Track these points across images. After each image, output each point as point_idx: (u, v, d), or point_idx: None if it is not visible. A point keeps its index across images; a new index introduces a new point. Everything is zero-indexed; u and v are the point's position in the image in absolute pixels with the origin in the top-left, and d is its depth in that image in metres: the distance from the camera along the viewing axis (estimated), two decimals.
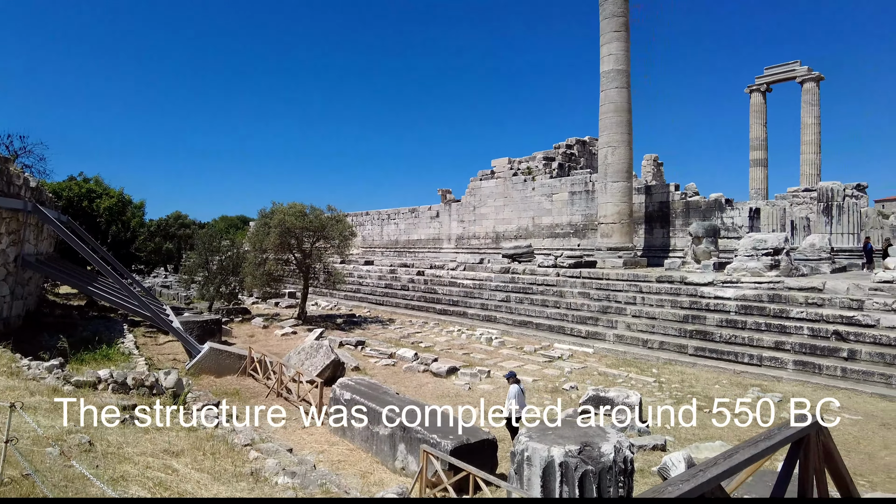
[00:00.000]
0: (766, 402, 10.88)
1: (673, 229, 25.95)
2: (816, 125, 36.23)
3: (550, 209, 31.03)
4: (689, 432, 9.32)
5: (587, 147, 35.38)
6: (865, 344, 12.57)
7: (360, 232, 45.46)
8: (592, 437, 6.16)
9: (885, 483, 7.38)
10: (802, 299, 14.53)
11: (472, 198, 35.92)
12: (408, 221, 41.75)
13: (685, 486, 1.66)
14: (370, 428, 8.24)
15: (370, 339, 17.93)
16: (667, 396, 11.47)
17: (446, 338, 18.45)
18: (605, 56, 23.64)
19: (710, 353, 14.24)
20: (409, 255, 40.19)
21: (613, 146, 23.49)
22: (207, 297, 25.09)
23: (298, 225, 20.82)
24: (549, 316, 19.35)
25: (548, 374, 13.55)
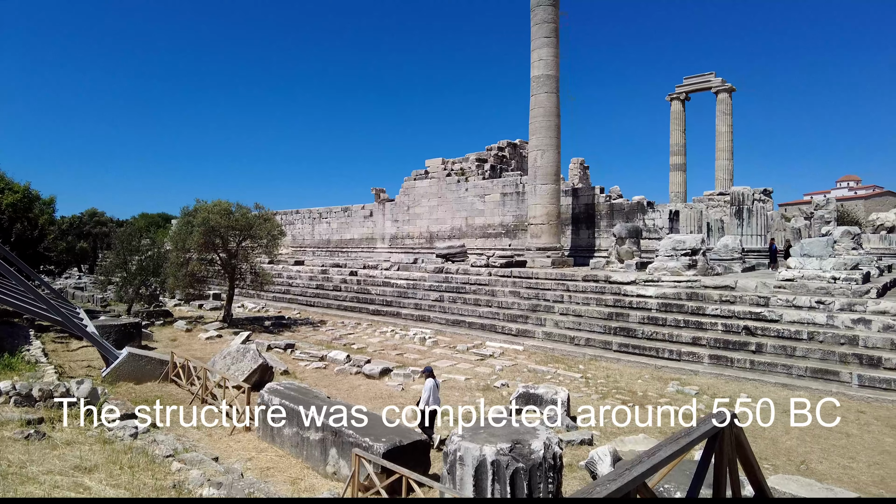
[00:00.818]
0: (684, 396, 11.51)
1: (598, 230, 26.94)
2: (729, 133, 38.71)
3: (483, 210, 31.45)
4: (615, 426, 9.71)
5: (518, 149, 36.13)
6: (770, 338, 13.55)
7: (290, 231, 44.32)
8: (523, 435, 6.29)
9: (785, 465, 7.98)
10: (717, 297, 15.47)
11: (406, 197, 35.85)
12: (340, 220, 41.12)
13: (612, 486, 1.72)
14: (300, 433, 8.04)
15: (300, 341, 17.51)
16: (593, 392, 11.89)
17: (379, 339, 18.30)
18: (536, 61, 24.20)
19: (634, 349, 14.90)
20: (342, 255, 39.61)
21: (543, 149, 24.10)
22: (126, 299, 23.68)
23: (224, 223, 20.00)
24: (482, 315, 19.61)
25: (480, 372, 13.72)
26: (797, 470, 7.84)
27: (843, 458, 8.28)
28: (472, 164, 33.17)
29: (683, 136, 40.12)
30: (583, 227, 27.75)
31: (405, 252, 34.67)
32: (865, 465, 8.01)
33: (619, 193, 26.85)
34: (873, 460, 8.18)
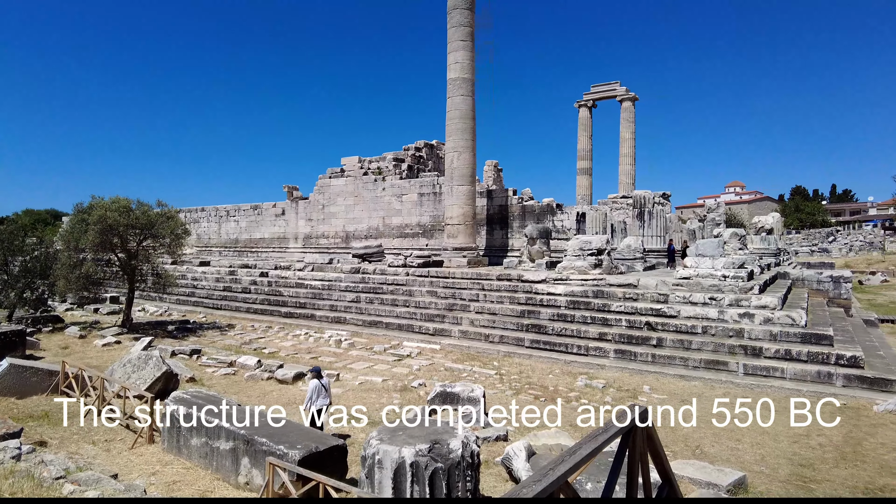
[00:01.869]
0: (592, 389, 12.09)
1: (511, 231, 27.71)
2: (632, 139, 41.05)
3: (400, 209, 31.40)
4: (528, 421, 10.02)
5: (435, 150, 36.40)
6: (669, 332, 14.53)
7: (196, 230, 42.06)
8: (441, 435, 6.34)
9: (683, 451, 8.59)
10: (621, 294, 16.38)
11: (321, 196, 35.08)
12: (250, 219, 39.54)
13: (538, 487, 1.78)
14: (209, 443, 7.65)
15: (207, 346, 16.67)
16: (507, 388, 12.22)
17: (292, 342, 17.79)
18: (452, 64, 24.48)
19: (545, 345, 15.45)
20: (252, 255, 38.09)
21: (459, 151, 24.42)
22: (7, 304, 21.44)
23: (123, 222, 18.61)
24: (399, 315, 19.58)
25: (397, 372, 13.70)
26: (693, 454, 8.46)
27: (730, 440, 9.04)
28: (389, 164, 33.02)
29: (590, 141, 42.10)
30: (497, 228, 28.42)
31: (320, 252, 33.91)
32: (749, 446, 8.79)
33: (530, 196, 27.75)
34: (755, 441, 8.99)
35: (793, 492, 7.26)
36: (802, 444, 8.90)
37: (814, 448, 8.72)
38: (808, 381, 11.95)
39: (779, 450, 8.65)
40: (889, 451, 8.55)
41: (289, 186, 38.13)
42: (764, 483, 7.49)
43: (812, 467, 8.00)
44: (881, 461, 8.19)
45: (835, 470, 7.91)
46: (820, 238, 67.04)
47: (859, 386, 11.47)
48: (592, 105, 42.07)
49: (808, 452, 8.55)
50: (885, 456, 8.37)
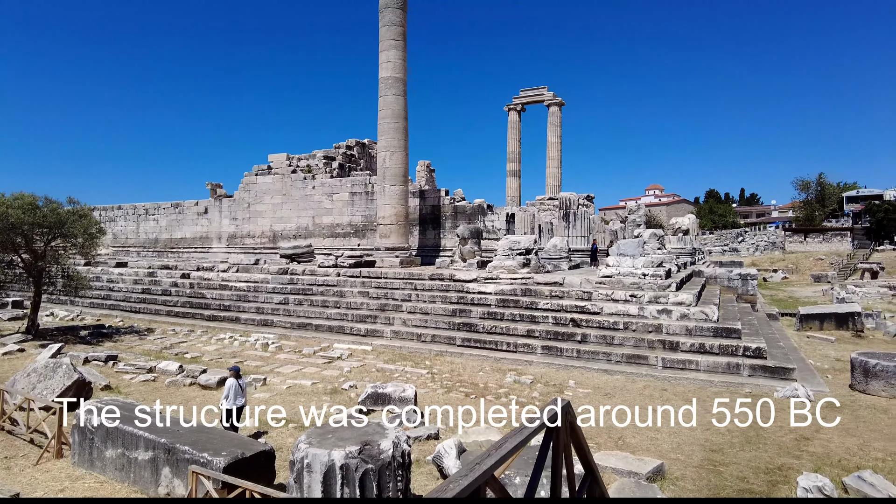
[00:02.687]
0: (520, 385, 12.39)
1: (443, 231, 27.92)
2: (559, 143, 42.30)
3: (331, 209, 30.91)
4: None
5: (367, 149, 36.07)
6: (593, 328, 15.11)
7: (111, 229, 39.64)
8: (372, 436, 6.31)
9: (607, 443, 8.97)
10: (548, 292, 16.87)
11: (247, 194, 33.95)
12: (171, 218, 37.69)
13: (464, 482, 1.82)
14: (126, 454, 7.25)
15: (124, 352, 15.76)
16: (438, 386, 12.31)
17: (216, 346, 17.12)
18: (384, 63, 24.36)
19: (475, 343, 15.68)
20: (173, 256, 36.32)
21: (391, 151, 24.34)
22: None
23: (28, 220, 17.21)
24: (330, 316, 19.27)
25: (327, 375, 13.49)
26: (616, 445, 8.85)
27: (650, 431, 9.52)
28: (319, 162, 32.42)
29: (519, 144, 43.05)
30: (429, 228, 28.54)
31: (246, 252, 32.82)
32: (667, 435, 9.29)
33: (462, 196, 28.06)
34: (672, 430, 9.52)
35: (704, 475, 7.74)
36: (714, 431, 9.51)
37: (723, 434, 9.34)
38: (719, 372, 12.76)
39: (693, 437, 9.20)
40: (787, 434, 9.29)
41: (212, 184, 36.65)
42: (679, 469, 7.94)
43: (721, 452, 8.57)
44: (780, 443, 8.89)
45: (741, 453, 8.51)
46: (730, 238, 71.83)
47: (763, 375, 12.38)
48: (521, 109, 43.03)
49: (719, 438, 9.14)
50: (783, 438, 9.09)
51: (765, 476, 7.70)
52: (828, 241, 60.91)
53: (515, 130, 42.86)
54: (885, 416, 10.19)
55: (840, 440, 9.03)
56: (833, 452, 8.52)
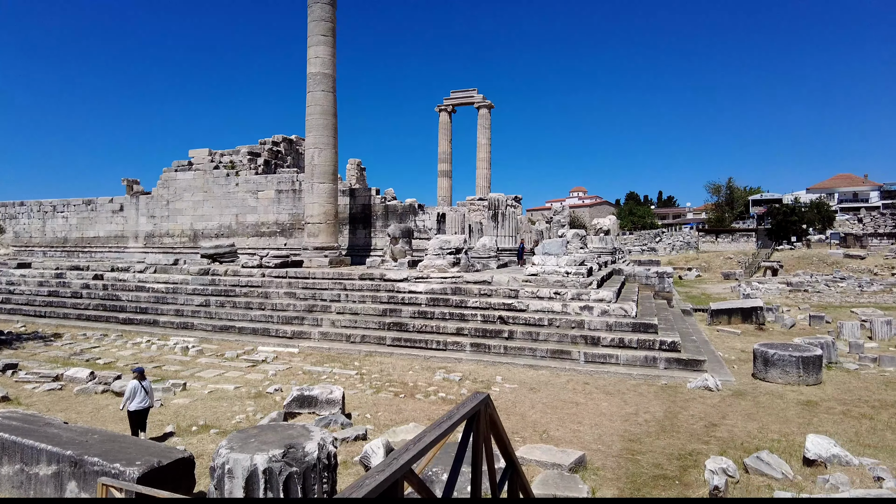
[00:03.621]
0: (450, 382, 12.51)
1: (374, 230, 27.71)
2: (488, 145, 42.97)
3: (256, 207, 29.95)
4: (388, 418, 10.11)
5: (294, 146, 35.22)
6: (519, 325, 15.47)
7: (12, 227, 36.55)
8: (297, 438, 6.18)
9: (532, 436, 9.22)
10: (477, 291, 17.12)
11: (166, 190, 32.30)
12: (82, 215, 35.26)
13: (381, 476, 1.82)
14: (25, 470, 6.72)
15: (27, 360, 14.60)
16: (367, 387, 12.21)
17: (132, 351, 16.19)
18: (313, 58, 23.88)
19: (406, 342, 15.68)
20: (84, 256, 34.00)
21: (320, 148, 23.90)
22: None
23: None
24: (254, 318, 18.66)
25: (251, 378, 13.06)
26: (540, 439, 9.10)
27: (573, 423, 9.87)
28: (243, 158, 31.32)
29: (450, 145, 43.40)
30: (360, 227, 28.24)
31: (164, 252, 31.22)
32: (589, 427, 9.67)
33: (393, 195, 27.97)
34: (594, 422, 9.91)
35: (623, 464, 8.10)
36: (632, 421, 9.97)
37: (641, 424, 9.82)
38: (637, 365, 13.40)
39: (613, 428, 9.61)
40: (697, 421, 9.89)
41: (128, 180, 34.65)
42: (600, 459, 8.27)
43: (639, 441, 9.01)
44: (691, 430, 9.46)
45: (657, 441, 8.98)
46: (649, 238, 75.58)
47: (677, 367, 13.12)
48: (452, 110, 43.38)
49: (636, 428, 9.61)
50: (694, 426, 9.68)
51: (677, 462, 8.16)
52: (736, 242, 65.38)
53: (446, 131, 43.16)
54: (781, 401, 11.06)
55: (743, 425, 9.70)
56: (737, 436, 9.15)
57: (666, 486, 7.35)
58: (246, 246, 29.05)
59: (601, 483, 7.44)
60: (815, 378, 12.18)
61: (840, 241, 59.22)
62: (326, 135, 24.05)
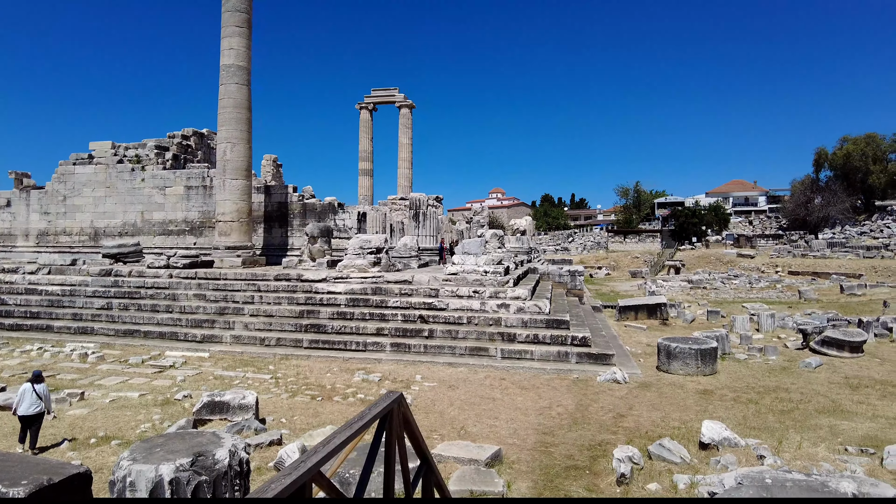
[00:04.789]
0: (369, 383, 12.43)
1: (291, 229, 27.00)
2: (409, 145, 43.01)
3: (164, 204, 28.33)
4: (304, 422, 9.90)
5: (206, 140, 33.63)
6: (439, 324, 15.63)
7: None
8: (206, 446, 5.93)
9: (450, 433, 9.34)
10: (398, 290, 17.11)
11: (63, 185, 29.85)
12: None
13: (287, 480, 1.80)
14: None
15: None
16: (283, 391, 11.90)
17: (21, 360, 14.86)
18: (227, 50, 22.92)
19: (324, 344, 15.41)
20: None
21: (233, 143, 22.98)
22: None
23: None
24: (161, 322, 17.65)
25: (158, 385, 12.37)
26: (458, 435, 9.24)
27: (490, 419, 10.10)
28: (150, 152, 29.52)
29: (371, 143, 43.05)
30: (276, 226, 27.41)
31: (60, 252, 28.84)
32: (505, 422, 9.93)
33: (311, 193, 27.38)
34: (510, 417, 10.20)
35: (537, 457, 8.39)
36: (546, 415, 10.34)
37: (554, 417, 10.20)
38: (551, 360, 13.91)
39: (528, 423, 9.92)
40: (606, 413, 10.42)
41: (17, 173, 31.70)
42: (516, 453, 8.52)
43: (552, 434, 9.36)
44: (601, 422, 9.95)
45: (569, 433, 9.37)
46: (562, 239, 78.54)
47: (588, 361, 13.74)
48: (373, 108, 43.04)
49: (550, 421, 9.97)
50: (603, 417, 10.19)
51: (588, 452, 8.55)
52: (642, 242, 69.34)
53: (367, 129, 42.77)
54: (682, 391, 11.87)
55: (648, 414, 10.32)
56: (642, 426, 9.72)
57: (577, 476, 7.69)
58: (152, 245, 27.41)
59: (516, 476, 7.66)
60: (711, 369, 13.16)
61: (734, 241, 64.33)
62: (240, 129, 23.16)
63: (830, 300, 28.75)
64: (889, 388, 11.94)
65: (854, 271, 39.04)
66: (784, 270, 42.99)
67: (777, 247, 56.33)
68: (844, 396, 11.38)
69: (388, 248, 19.74)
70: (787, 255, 50.09)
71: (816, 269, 41.00)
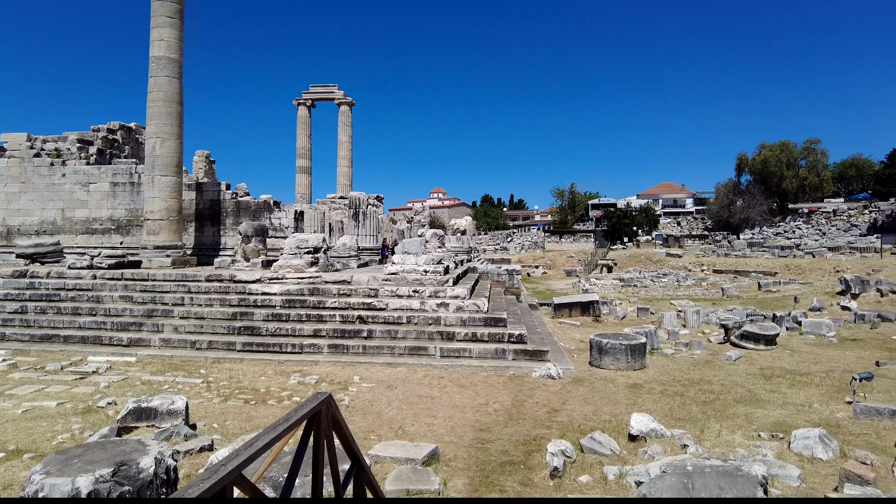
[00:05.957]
0: (305, 385, 12.22)
1: (224, 228, 26.15)
2: (349, 143, 42.55)
3: (87, 201, 26.78)
4: (237, 427, 9.63)
5: (134, 135, 32.06)
6: (379, 324, 15.55)
7: None
8: (130, 455, 5.68)
9: (388, 433, 9.32)
10: (336, 291, 16.90)
11: None
12: None
13: (205, 485, 1.76)
14: None
15: None
16: (215, 395, 11.52)
17: None
18: (157, 41, 21.93)
19: (258, 346, 15.02)
20: None
21: (163, 138, 22.01)
22: None
23: None
24: (83, 326, 16.68)
25: (79, 392, 11.69)
26: (396, 435, 9.24)
27: (428, 417, 10.15)
28: (72, 146, 27.85)
29: (309, 140, 42.28)
30: (208, 225, 26.46)
31: None
32: (443, 420, 10.01)
33: (246, 191, 26.61)
34: (448, 415, 10.29)
35: (474, 454, 8.51)
36: (483, 412, 10.50)
37: (491, 414, 10.37)
38: (488, 357, 14.12)
39: (465, 420, 10.04)
40: (541, 408, 10.69)
41: None
42: (453, 451, 8.60)
43: (489, 430, 9.51)
44: (535, 417, 10.20)
45: (504, 429, 9.55)
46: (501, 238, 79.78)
47: (524, 358, 14.04)
48: (312, 105, 42.29)
49: (487, 418, 10.13)
50: (538, 412, 10.45)
51: (523, 447, 8.75)
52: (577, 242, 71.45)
53: (305, 126, 41.97)
54: (613, 385, 12.32)
55: (581, 409, 10.66)
56: (575, 420, 10.03)
57: (512, 471, 7.85)
58: (75, 244, 25.85)
59: (452, 474, 7.75)
60: (641, 363, 13.73)
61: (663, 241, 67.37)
62: (171, 123, 22.21)
63: (750, 297, 30.59)
64: (797, 377, 12.85)
65: (770, 269, 41.69)
66: (709, 269, 45.39)
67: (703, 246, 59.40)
68: (759, 386, 12.15)
69: (326, 247, 19.45)
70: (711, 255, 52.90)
71: (738, 268, 43.54)
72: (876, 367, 13.59)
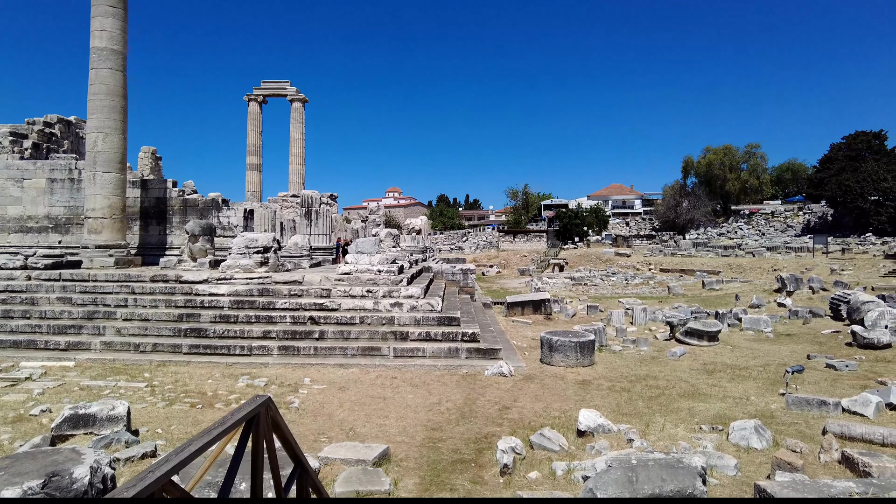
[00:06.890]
0: (253, 388, 11.96)
1: (170, 227, 25.31)
2: (302, 140, 41.86)
3: (21, 197, 25.41)
4: (182, 431, 9.35)
5: (74, 129, 30.64)
6: (331, 325, 15.37)
7: None
8: (63, 464, 5.43)
9: (339, 435, 9.24)
10: (287, 291, 16.60)
11: None
12: None
13: (131, 492, 1.70)
14: None
15: None
16: (159, 399, 11.15)
17: None
18: (98, 31, 21.00)
19: (205, 349, 14.60)
20: None
21: (105, 132, 21.12)
22: None
23: None
24: (16, 329, 15.82)
25: (9, 400, 11.08)
26: (347, 437, 9.16)
27: (380, 418, 10.11)
28: (4, 139, 26.35)
29: (260, 137, 41.36)
30: (153, 223, 25.55)
31: None
32: (395, 420, 9.98)
33: (193, 189, 25.82)
34: (400, 415, 10.27)
35: (425, 453, 8.53)
36: (435, 411, 10.53)
37: (443, 413, 10.41)
38: (442, 356, 14.17)
39: (417, 420, 10.05)
40: (493, 406, 10.80)
41: None
42: (404, 450, 8.60)
43: (440, 429, 9.55)
44: (487, 415, 10.31)
45: (456, 427, 9.61)
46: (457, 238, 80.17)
47: (476, 356, 14.16)
48: (263, 101, 41.40)
49: (439, 417, 10.17)
50: (489, 410, 10.56)
51: (474, 445, 8.83)
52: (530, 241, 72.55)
53: (256, 122, 41.04)
54: (562, 381, 12.58)
55: (531, 406, 10.83)
56: (525, 417, 10.18)
57: (463, 470, 7.90)
58: (7, 244, 24.48)
59: (403, 474, 7.74)
60: (590, 360, 14.06)
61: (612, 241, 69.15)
62: (114, 118, 21.32)
63: (694, 295, 31.77)
64: (737, 372, 13.44)
65: (714, 268, 43.40)
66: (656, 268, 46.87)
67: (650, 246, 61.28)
68: (702, 381, 12.64)
69: (276, 247, 19.07)
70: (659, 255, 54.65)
71: (684, 267, 45.13)
72: (807, 360, 14.38)
